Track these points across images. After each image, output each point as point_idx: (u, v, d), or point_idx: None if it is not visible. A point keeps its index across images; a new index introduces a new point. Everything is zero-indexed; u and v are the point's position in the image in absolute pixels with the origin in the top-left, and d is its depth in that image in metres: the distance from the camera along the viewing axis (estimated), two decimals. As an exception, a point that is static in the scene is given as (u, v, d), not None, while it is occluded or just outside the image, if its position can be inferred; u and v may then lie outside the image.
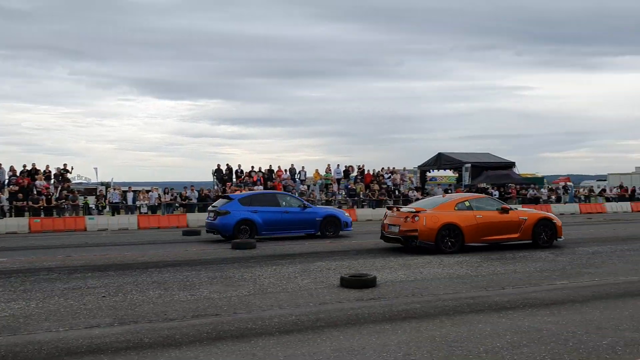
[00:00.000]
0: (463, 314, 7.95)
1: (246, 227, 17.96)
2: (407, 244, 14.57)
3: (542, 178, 56.94)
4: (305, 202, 20.08)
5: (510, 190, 38.59)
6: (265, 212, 18.30)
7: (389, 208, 16.52)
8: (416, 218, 14.23)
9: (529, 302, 8.67)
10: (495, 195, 36.25)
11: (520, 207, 19.53)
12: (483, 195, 20.32)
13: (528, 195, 39.36)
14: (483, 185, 38.52)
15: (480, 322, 7.47)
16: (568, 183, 57.45)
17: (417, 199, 28.71)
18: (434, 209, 14.66)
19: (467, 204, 14.95)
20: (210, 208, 19.89)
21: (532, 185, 42.07)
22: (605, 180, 56.67)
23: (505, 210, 15.06)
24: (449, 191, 36.76)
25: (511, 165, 42.80)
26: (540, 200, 39.07)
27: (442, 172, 51.19)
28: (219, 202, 19.45)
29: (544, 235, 15.40)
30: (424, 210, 14.45)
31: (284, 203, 19.14)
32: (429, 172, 47.21)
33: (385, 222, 15.69)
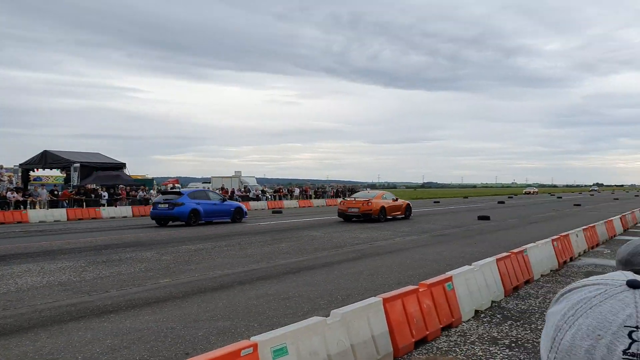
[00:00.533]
0: (62, 323, 7.49)
1: (193, 215, 24.28)
2: (365, 218, 26.20)
3: (152, 180, 58.63)
4: (224, 197, 28.89)
5: (120, 192, 38.37)
6: (204, 204, 25.10)
7: (344, 197, 23.05)
8: (369, 203, 26.22)
9: (132, 303, 8.76)
10: (105, 196, 35.46)
11: (391, 196, 29.24)
12: (388, 191, 32.59)
13: (138, 197, 39.79)
14: (93, 186, 37.21)
15: (81, 329, 7.17)
16: (177, 185, 60.51)
17: (19, 201, 25.78)
18: (374, 199, 26.94)
19: (385, 196, 28.11)
20: (162, 199, 24.94)
21: (142, 187, 42.84)
22: (209, 182, 62.05)
23: (396, 199, 28.33)
24: (56, 192, 34.15)
25: (122, 166, 42.70)
26: (150, 201, 40.10)
27: (48, 172, 47.29)
28: (171, 196, 25.05)
29: (408, 212, 28.78)
30: (371, 199, 26.58)
31: (212, 197, 26.71)
32: (33, 171, 42.96)
33: (344, 207, 27.37)
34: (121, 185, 39.44)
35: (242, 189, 53.07)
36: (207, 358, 4.05)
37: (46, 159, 39.18)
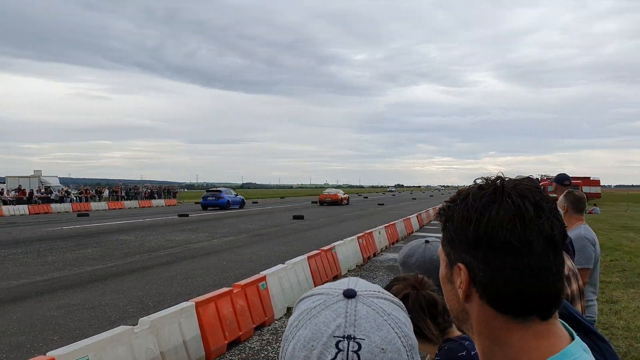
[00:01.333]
0: None
1: (227, 203, 41.56)
2: (335, 204, 49.24)
3: None
4: (236, 193, 46.67)
5: None
6: (230, 197, 42.58)
7: (325, 190, 60.70)
8: (336, 195, 51.31)
9: None
10: None
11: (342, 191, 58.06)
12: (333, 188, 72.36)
13: None
14: None
15: None
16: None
17: None
18: (337, 194, 52.07)
19: (340, 192, 54.04)
20: (209, 194, 43.06)
21: None
22: (4, 182, 55.36)
23: (344, 194, 53.69)
24: None
25: None
26: None
27: None
28: (215, 192, 43.52)
29: (347, 202, 52.51)
30: (337, 194, 52.32)
31: (232, 193, 44.98)
32: None
33: (322, 197, 50.99)
34: None
35: (43, 190, 48.20)
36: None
37: None
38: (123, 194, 58.31)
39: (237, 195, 45.03)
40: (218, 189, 47.11)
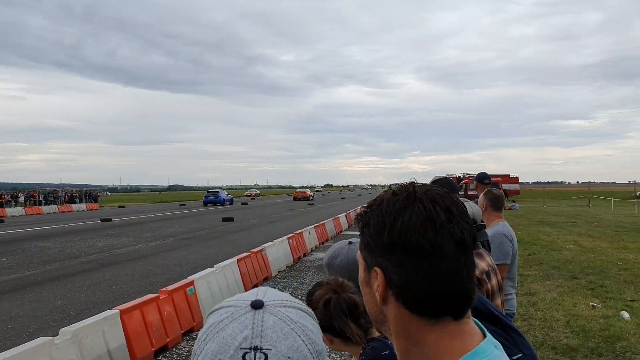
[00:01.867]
0: None
1: (223, 201, 54.91)
2: (305, 199, 67.21)
3: None
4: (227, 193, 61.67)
5: None
6: (225, 196, 56.27)
7: (299, 188, 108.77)
8: (306, 193, 72.44)
9: None
10: None
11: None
12: (309, 188, 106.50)
13: None
14: None
15: None
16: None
17: None
18: (307, 192, 74.09)
19: (309, 190, 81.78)
20: (209, 194, 56.66)
21: None
22: None
23: (312, 192, 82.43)
24: None
25: None
26: None
27: None
28: (213, 192, 58.44)
29: (312, 198, 71.96)
30: (306, 192, 73.47)
31: (226, 193, 59.46)
32: None
33: (297, 195, 71.33)
34: None
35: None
36: None
37: None
38: (41, 199, 55.42)
39: (228, 194, 58.71)
40: (216, 190, 64.77)
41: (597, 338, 6.63)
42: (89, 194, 66.46)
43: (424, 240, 0.87)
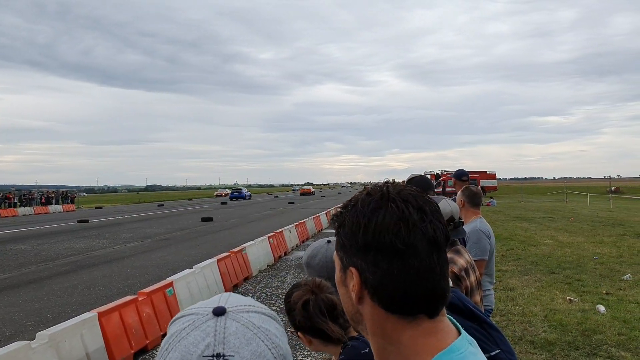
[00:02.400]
0: None
1: (246, 197, 72.45)
2: (310, 194, 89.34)
3: None
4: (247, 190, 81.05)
5: None
6: (246, 193, 74.86)
7: (306, 185, 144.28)
8: (310, 189, 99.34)
9: None
10: None
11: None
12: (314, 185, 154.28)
13: None
14: None
15: None
16: None
17: None
18: (310, 188, 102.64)
19: (312, 187, 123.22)
20: (235, 191, 76.59)
21: None
22: None
23: (313, 189, 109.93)
24: None
25: None
26: None
27: None
28: (237, 189, 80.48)
29: (314, 193, 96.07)
30: (310, 188, 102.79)
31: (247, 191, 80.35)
32: None
33: (302, 191, 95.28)
34: None
35: None
36: None
37: None
38: (16, 200, 54.50)
39: (247, 191, 76.46)
40: (239, 188, 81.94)
41: (574, 332, 6.75)
42: (66, 195, 65.49)
43: (398, 240, 0.89)
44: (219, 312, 0.79)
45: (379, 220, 0.90)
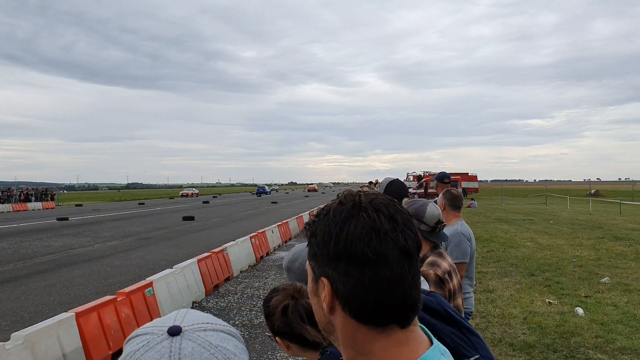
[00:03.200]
0: None
1: (268, 192, 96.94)
2: (315, 191, 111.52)
3: None
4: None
5: None
6: (267, 190, 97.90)
7: (310, 184, 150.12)
8: (314, 186, 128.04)
9: None
10: None
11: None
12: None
13: None
14: None
15: None
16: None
17: None
18: (314, 186, 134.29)
19: (316, 185, 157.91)
20: (259, 188, 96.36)
21: None
22: None
23: (316, 186, 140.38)
24: None
25: None
26: None
27: None
28: (262, 187, 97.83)
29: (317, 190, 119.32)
30: (314, 186, 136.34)
31: (270, 187, 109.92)
32: None
33: (309, 189, 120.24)
34: None
35: None
36: None
37: None
38: (-7, 197, 53.59)
39: (268, 188, 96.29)
40: (263, 185, 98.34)
41: (552, 334, 6.82)
42: (45, 192, 64.57)
43: (369, 249, 0.88)
44: (174, 331, 0.77)
45: (351, 230, 0.90)
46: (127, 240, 19.19)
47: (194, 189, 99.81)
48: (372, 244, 0.88)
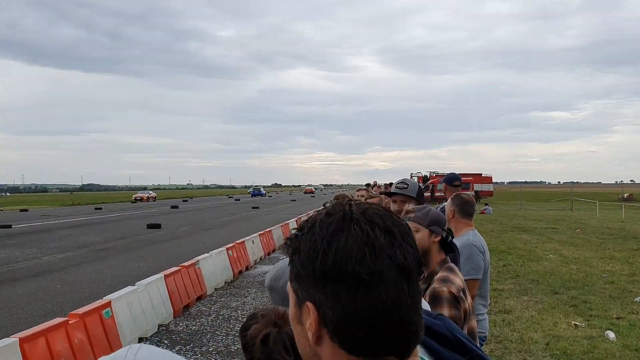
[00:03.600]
0: None
1: (264, 194, 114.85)
2: (312, 194, 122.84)
3: None
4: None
5: None
6: (262, 192, 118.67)
7: (307, 186, 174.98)
8: (312, 189, 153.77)
9: None
10: None
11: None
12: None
13: None
14: None
15: None
16: None
17: None
18: (312, 188, 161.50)
19: (314, 187, 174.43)
20: (255, 189, 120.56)
21: None
22: None
23: (313, 188, 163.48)
24: None
25: None
26: None
27: None
28: (257, 188, 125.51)
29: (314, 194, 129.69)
30: (311, 187, 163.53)
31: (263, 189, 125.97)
32: None
33: (306, 190, 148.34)
34: None
35: None
36: None
37: None
38: None
39: (264, 190, 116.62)
40: (259, 187, 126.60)
41: (578, 362, 6.86)
42: (-16, 195, 64.11)
43: (362, 268, 0.86)
44: None
45: (340, 245, 0.88)
46: (81, 252, 19.10)
47: (150, 192, 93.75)
48: (366, 261, 0.86)
